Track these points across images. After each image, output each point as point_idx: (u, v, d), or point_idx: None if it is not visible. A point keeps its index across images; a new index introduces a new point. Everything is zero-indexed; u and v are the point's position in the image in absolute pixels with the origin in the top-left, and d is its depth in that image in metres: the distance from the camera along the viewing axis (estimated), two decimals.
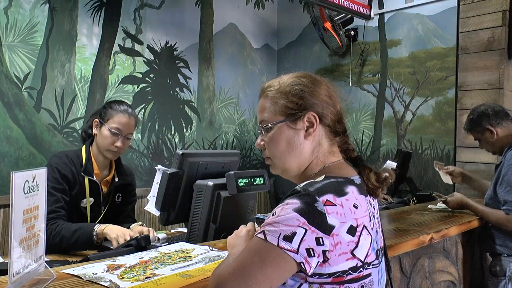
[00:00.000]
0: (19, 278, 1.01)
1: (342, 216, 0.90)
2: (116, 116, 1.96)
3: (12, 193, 0.98)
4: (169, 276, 1.14)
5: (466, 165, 3.11)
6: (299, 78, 1.05)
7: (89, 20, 3.33)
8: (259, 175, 1.77)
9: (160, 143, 3.78)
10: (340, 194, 0.92)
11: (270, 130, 1.04)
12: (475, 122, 2.42)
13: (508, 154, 2.30)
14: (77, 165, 1.93)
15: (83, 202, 1.94)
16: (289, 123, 1.02)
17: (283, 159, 1.04)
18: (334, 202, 0.90)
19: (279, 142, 1.03)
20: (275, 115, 1.04)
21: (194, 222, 1.69)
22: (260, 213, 2.76)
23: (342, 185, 0.95)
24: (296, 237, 0.85)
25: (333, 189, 0.92)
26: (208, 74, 4.16)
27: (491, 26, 3.04)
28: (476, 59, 3.11)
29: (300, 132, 1.02)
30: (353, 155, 1.08)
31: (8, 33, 2.92)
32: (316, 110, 1.02)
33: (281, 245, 0.85)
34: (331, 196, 0.91)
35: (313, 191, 0.90)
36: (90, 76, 3.34)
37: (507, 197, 2.19)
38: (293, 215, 0.87)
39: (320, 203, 0.88)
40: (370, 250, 0.95)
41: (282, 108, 1.03)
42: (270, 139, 1.05)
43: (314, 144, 1.03)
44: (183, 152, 1.73)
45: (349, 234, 0.90)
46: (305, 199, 0.89)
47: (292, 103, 1.02)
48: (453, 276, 2.25)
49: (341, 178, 0.97)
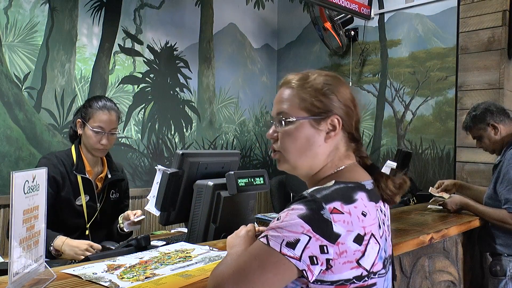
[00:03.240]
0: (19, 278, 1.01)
1: (349, 225, 0.88)
2: (96, 114, 1.94)
3: (12, 193, 0.98)
4: (169, 276, 1.14)
5: (466, 165, 3.11)
6: (330, 78, 1.02)
7: (89, 20, 3.33)
8: (259, 175, 1.77)
9: (160, 143, 3.78)
10: (348, 201, 0.90)
11: (290, 123, 1.00)
12: (478, 118, 2.37)
13: (507, 153, 2.29)
14: (67, 164, 1.94)
15: (78, 200, 1.94)
16: (312, 121, 0.99)
17: (296, 156, 1.00)
18: (341, 210, 0.88)
19: (297, 139, 0.99)
20: (298, 110, 1.00)
21: (194, 222, 1.70)
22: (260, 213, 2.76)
23: (351, 192, 0.93)
24: (300, 244, 0.84)
25: (341, 196, 0.90)
26: (208, 74, 4.16)
27: (491, 26, 3.04)
28: (476, 59, 3.11)
29: (321, 133, 0.99)
30: (367, 162, 1.06)
31: (8, 33, 2.92)
32: (340, 114, 0.99)
33: (284, 251, 0.84)
34: (339, 203, 0.89)
35: (320, 197, 0.88)
36: (90, 76, 3.34)
37: (509, 195, 2.19)
38: (298, 221, 0.85)
39: (327, 211, 0.86)
40: (377, 259, 0.93)
41: (308, 105, 0.99)
42: (286, 133, 1.00)
43: (331, 147, 1.01)
44: (183, 152, 1.73)
45: (355, 243, 0.88)
46: (311, 205, 0.87)
47: (320, 102, 0.99)
48: (453, 276, 2.25)
49: (351, 183, 0.95)
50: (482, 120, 2.37)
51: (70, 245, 1.73)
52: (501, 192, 2.24)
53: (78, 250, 1.71)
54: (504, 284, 2.27)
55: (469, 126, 2.43)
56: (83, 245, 1.72)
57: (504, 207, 2.21)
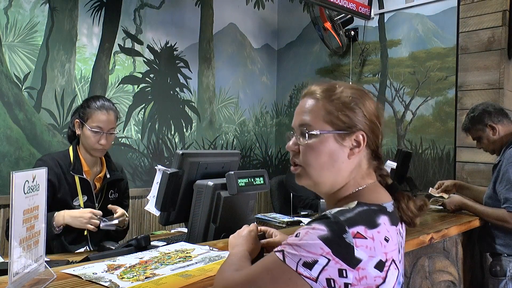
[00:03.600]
0: (19, 278, 1.01)
1: (372, 250, 0.85)
2: (94, 114, 1.94)
3: (12, 193, 0.98)
4: (169, 276, 1.14)
5: (466, 165, 3.11)
6: (357, 92, 0.98)
7: (89, 20, 3.33)
8: (259, 175, 1.76)
9: (160, 143, 3.78)
10: (372, 226, 0.87)
11: (313, 137, 0.95)
12: (476, 119, 2.40)
13: (507, 152, 2.30)
14: (64, 165, 1.95)
15: (75, 200, 1.94)
16: (336, 136, 0.94)
17: (320, 171, 0.96)
18: (364, 235, 0.85)
19: (320, 153, 0.94)
20: (323, 123, 0.95)
21: (194, 222, 1.69)
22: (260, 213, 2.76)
23: (375, 215, 0.90)
24: (317, 266, 0.82)
25: (365, 220, 0.87)
26: (208, 74, 4.16)
27: (491, 26, 3.04)
28: (476, 59, 3.11)
29: (345, 149, 0.95)
30: (388, 181, 1.03)
31: (8, 33, 2.92)
32: (366, 130, 0.96)
33: (300, 270, 0.82)
34: (362, 228, 0.86)
35: (343, 220, 0.85)
36: (90, 76, 3.34)
37: (508, 194, 2.19)
38: (318, 242, 0.82)
39: (349, 235, 0.83)
40: (396, 284, 0.91)
41: (334, 118, 0.95)
42: (309, 147, 0.95)
43: (354, 164, 0.96)
44: (183, 152, 1.73)
45: (376, 269, 0.85)
46: (333, 227, 0.84)
47: (346, 117, 0.95)
48: (453, 276, 2.25)
49: (374, 205, 0.92)
50: (480, 121, 2.40)
51: (72, 216, 1.75)
52: (500, 191, 2.25)
53: (83, 219, 1.73)
54: (504, 284, 2.27)
55: (468, 127, 2.46)
56: (87, 213, 1.73)
57: (503, 207, 2.21)
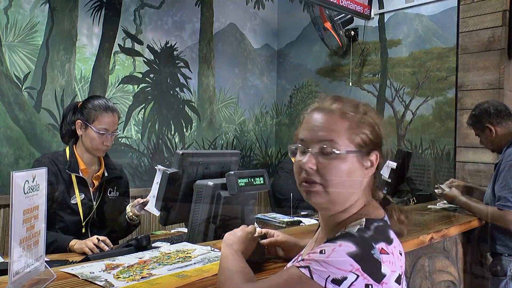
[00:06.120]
0: (19, 278, 1.01)
1: (393, 265, 0.87)
2: (101, 116, 1.96)
3: (12, 193, 0.98)
4: (165, 276, 1.14)
5: (466, 165, 3.11)
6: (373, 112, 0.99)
7: (89, 20, 3.33)
8: (259, 175, 1.76)
9: (160, 143, 3.77)
10: (389, 241, 0.90)
11: (338, 155, 0.92)
12: (476, 118, 2.44)
13: (507, 152, 2.31)
14: (60, 164, 1.95)
15: (73, 198, 1.95)
16: (359, 156, 0.94)
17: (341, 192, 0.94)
18: (387, 251, 0.87)
19: (343, 173, 0.92)
20: (347, 142, 0.93)
21: (194, 222, 1.69)
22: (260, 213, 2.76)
23: (387, 231, 0.92)
24: (346, 282, 0.83)
25: (383, 236, 0.90)
26: (208, 74, 4.16)
27: (491, 26, 3.04)
28: (476, 59, 3.11)
29: (362, 169, 0.95)
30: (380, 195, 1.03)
31: (8, 33, 2.92)
32: (380, 150, 0.97)
33: (328, 287, 0.83)
34: (384, 244, 0.88)
35: (368, 237, 0.87)
36: (90, 76, 3.33)
37: (501, 193, 2.20)
38: (347, 259, 0.83)
39: (377, 251, 0.85)
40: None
41: (358, 139, 0.93)
42: (331, 166, 0.92)
43: (365, 183, 0.97)
44: (183, 152, 1.74)
45: (396, 283, 0.87)
46: (362, 244, 0.85)
47: (368, 138, 0.94)
48: (453, 276, 2.25)
49: (380, 221, 0.94)
50: (478, 121, 2.43)
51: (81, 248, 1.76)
52: (496, 189, 2.25)
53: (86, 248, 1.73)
54: (505, 284, 2.27)
55: (470, 124, 2.51)
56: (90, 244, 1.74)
57: (495, 204, 2.22)
